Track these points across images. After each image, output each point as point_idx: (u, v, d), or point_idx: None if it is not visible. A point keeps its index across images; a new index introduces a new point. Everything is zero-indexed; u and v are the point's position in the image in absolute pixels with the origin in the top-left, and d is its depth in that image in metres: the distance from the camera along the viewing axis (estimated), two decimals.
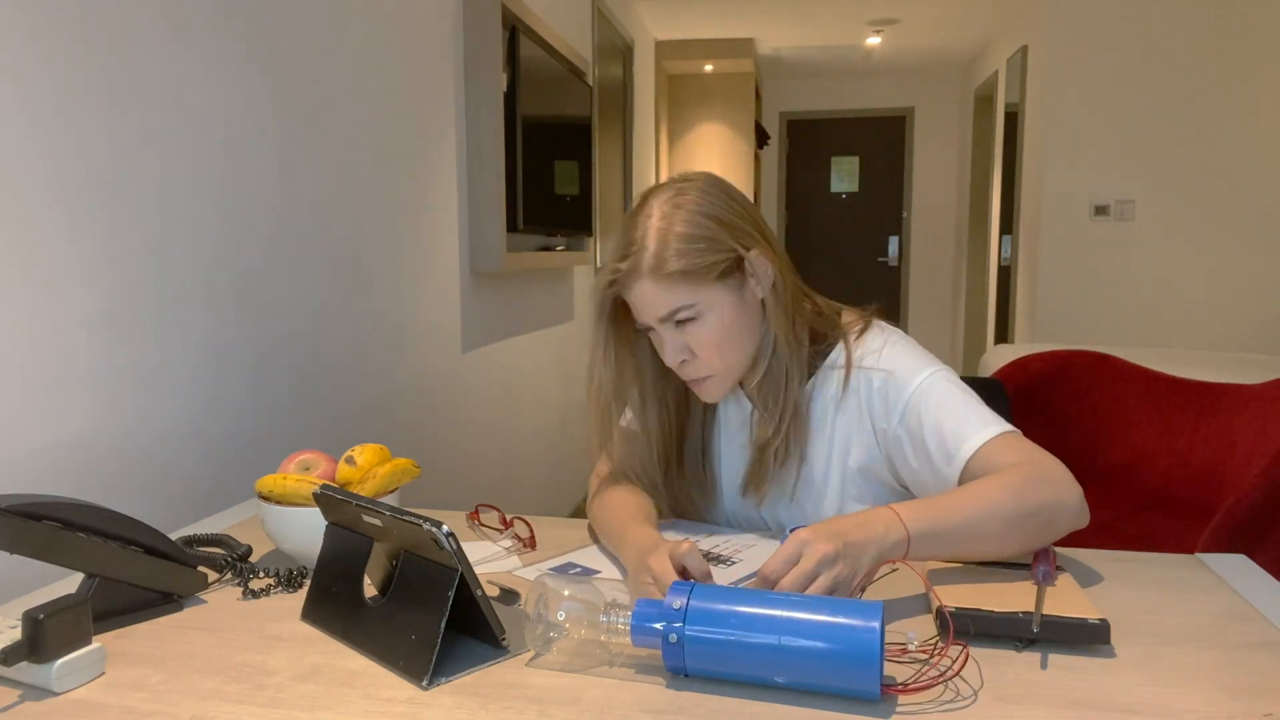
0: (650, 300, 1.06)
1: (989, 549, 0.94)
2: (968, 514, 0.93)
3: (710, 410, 1.21)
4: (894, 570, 0.99)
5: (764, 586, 0.86)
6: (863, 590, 0.91)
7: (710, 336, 1.07)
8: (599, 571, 1.02)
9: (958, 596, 0.85)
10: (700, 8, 5.25)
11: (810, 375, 1.14)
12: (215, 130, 1.47)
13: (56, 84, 1.16)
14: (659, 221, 1.06)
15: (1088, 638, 0.80)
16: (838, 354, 1.14)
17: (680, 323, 1.06)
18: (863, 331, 1.15)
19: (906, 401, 1.07)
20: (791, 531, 0.98)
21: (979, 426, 1.03)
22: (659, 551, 0.90)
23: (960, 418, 1.04)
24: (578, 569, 1.03)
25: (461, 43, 2.52)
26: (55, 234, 1.16)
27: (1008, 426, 1.03)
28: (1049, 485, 0.96)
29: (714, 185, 1.10)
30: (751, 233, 1.09)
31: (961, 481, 1.02)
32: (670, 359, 1.09)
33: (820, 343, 1.15)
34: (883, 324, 1.16)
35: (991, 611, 0.82)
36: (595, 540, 1.15)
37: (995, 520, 0.93)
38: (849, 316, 1.18)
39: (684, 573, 0.88)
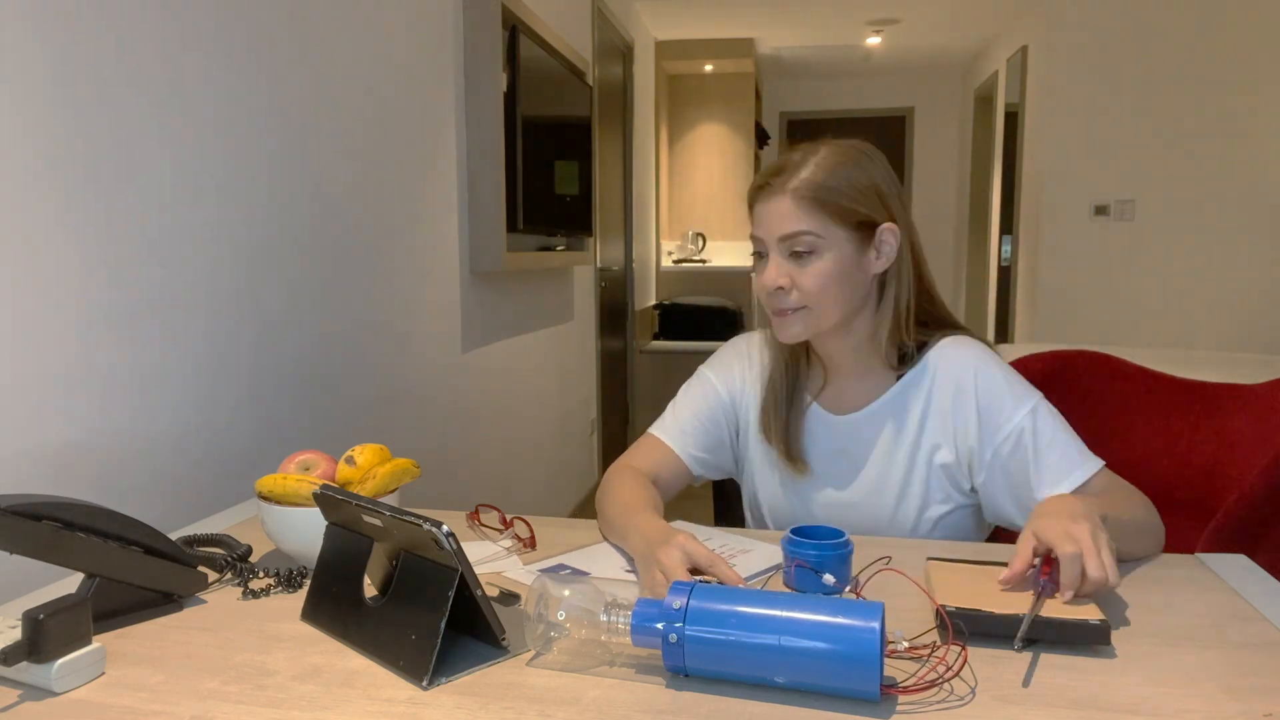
0: (780, 215, 1.11)
1: (1123, 548, 0.99)
2: (1127, 513, 1.02)
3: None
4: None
5: (1072, 587, 0.85)
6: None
7: (816, 274, 1.11)
8: (588, 573, 1.02)
9: (958, 597, 0.85)
10: (700, 8, 5.25)
11: (903, 370, 1.19)
12: (215, 130, 1.47)
13: (56, 84, 1.16)
14: (821, 157, 1.11)
15: (1089, 638, 0.80)
16: (933, 356, 1.18)
17: (795, 253, 1.11)
18: (956, 340, 1.19)
19: (1014, 431, 1.12)
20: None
21: (1079, 461, 1.10)
22: (669, 544, 0.91)
23: (1063, 453, 1.11)
24: (567, 570, 1.03)
25: (461, 43, 2.52)
26: (55, 234, 1.16)
27: (1100, 461, 1.11)
28: (1153, 513, 1.07)
29: (877, 154, 1.15)
30: (894, 208, 1.14)
31: None
32: (769, 280, 1.13)
33: (919, 337, 1.19)
34: (972, 337, 1.20)
35: (992, 613, 0.82)
36: (602, 532, 1.16)
37: (1136, 524, 1.02)
38: (947, 322, 1.22)
39: (694, 570, 0.89)
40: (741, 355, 1.30)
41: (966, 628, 0.81)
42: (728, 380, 1.29)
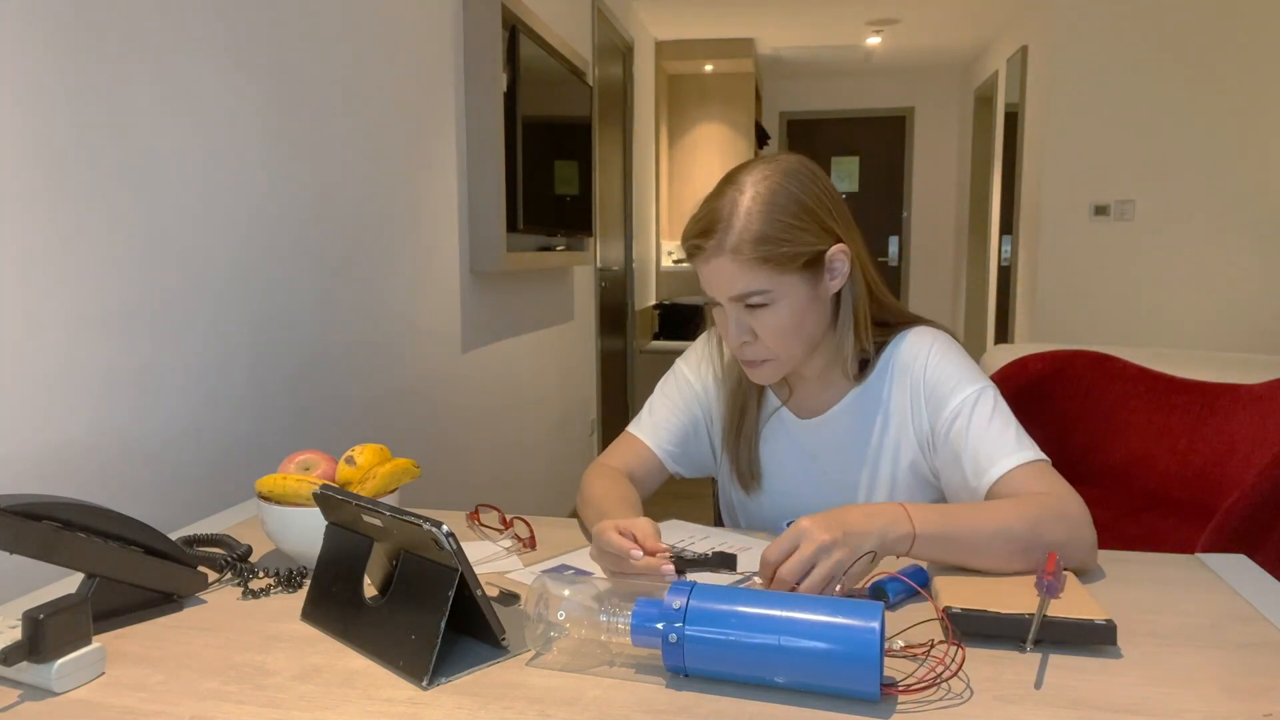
0: (725, 278, 1.06)
1: (992, 566, 0.95)
2: (978, 528, 0.94)
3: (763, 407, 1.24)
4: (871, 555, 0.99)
5: (764, 572, 0.87)
6: (859, 579, 0.91)
7: (777, 324, 1.07)
8: (589, 573, 1.02)
9: (964, 597, 0.85)
10: (700, 8, 5.25)
11: (864, 372, 1.17)
12: (215, 130, 1.47)
13: (56, 84, 1.16)
14: (749, 202, 1.05)
15: (1094, 638, 0.80)
16: (889, 353, 1.17)
17: (751, 306, 1.07)
18: (913, 333, 1.17)
19: (952, 412, 1.09)
20: (789, 525, 0.98)
21: (1013, 450, 1.04)
22: (609, 522, 0.95)
23: (997, 439, 1.06)
24: (571, 570, 1.03)
25: (461, 43, 2.52)
26: (55, 234, 1.16)
27: (1040, 454, 1.05)
28: (1065, 523, 0.97)
29: (808, 171, 1.09)
30: (836, 225, 1.09)
31: (986, 500, 1.04)
32: (732, 339, 1.10)
33: (877, 339, 1.17)
34: (931, 327, 1.18)
35: (998, 613, 0.82)
36: (584, 532, 1.16)
37: (1004, 541, 0.94)
38: (904, 318, 1.20)
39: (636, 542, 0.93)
40: (715, 350, 1.29)
41: (972, 629, 0.81)
42: (701, 375, 1.28)
